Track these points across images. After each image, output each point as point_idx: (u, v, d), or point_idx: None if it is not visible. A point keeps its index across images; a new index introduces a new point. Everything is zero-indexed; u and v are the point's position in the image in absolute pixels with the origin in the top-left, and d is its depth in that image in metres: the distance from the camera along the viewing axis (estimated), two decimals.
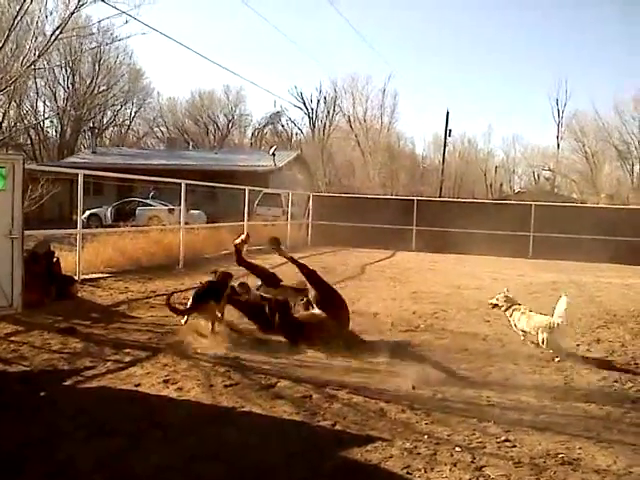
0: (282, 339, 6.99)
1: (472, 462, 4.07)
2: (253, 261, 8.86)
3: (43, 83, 48.52)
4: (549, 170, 64.62)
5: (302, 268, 7.57)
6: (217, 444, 4.22)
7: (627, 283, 15.29)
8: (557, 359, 6.81)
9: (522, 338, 7.39)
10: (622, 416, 5.10)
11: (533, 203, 24.74)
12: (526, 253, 22.41)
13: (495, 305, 7.73)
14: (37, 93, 48.87)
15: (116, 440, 4.22)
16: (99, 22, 29.70)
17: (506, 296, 7.62)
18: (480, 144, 70.34)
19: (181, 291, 10.15)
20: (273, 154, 36.84)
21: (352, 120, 60.66)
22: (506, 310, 7.55)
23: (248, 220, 18.95)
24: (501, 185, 66.99)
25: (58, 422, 4.52)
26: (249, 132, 69.40)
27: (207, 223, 24.03)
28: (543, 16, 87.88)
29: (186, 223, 16.12)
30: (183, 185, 14.95)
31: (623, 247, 21.39)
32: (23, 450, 4.04)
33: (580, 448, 4.34)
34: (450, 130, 49.19)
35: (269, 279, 7.99)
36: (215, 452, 4.09)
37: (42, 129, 51.36)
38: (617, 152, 58.59)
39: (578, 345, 7.67)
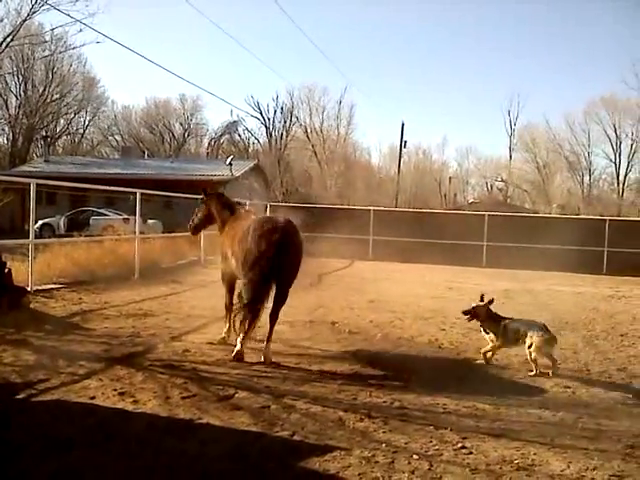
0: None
1: (430, 469, 4.11)
2: None
3: None
4: (502, 181, 65.94)
5: None
6: (174, 456, 4.17)
7: (578, 291, 15.65)
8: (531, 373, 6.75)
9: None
10: (575, 421, 5.21)
11: (486, 213, 25.15)
12: (480, 262, 22.74)
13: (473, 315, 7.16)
14: None
15: (71, 454, 4.14)
16: (52, 30, 29.31)
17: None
18: (435, 155, 71.46)
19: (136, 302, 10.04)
20: (230, 164, 36.71)
21: (309, 130, 61.07)
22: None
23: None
24: (455, 195, 68.05)
25: (11, 437, 4.41)
26: (205, 141, 69.10)
27: (163, 233, 23.78)
28: (496, 29, 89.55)
29: (142, 233, 15.94)
30: (138, 194, 14.77)
31: (574, 256, 21.85)
32: None
33: (535, 454, 4.42)
34: (405, 141, 49.78)
35: None
36: (172, 464, 4.05)
37: None
38: (568, 163, 60.12)
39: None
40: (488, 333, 7.07)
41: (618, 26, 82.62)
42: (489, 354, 7.12)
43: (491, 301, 7.11)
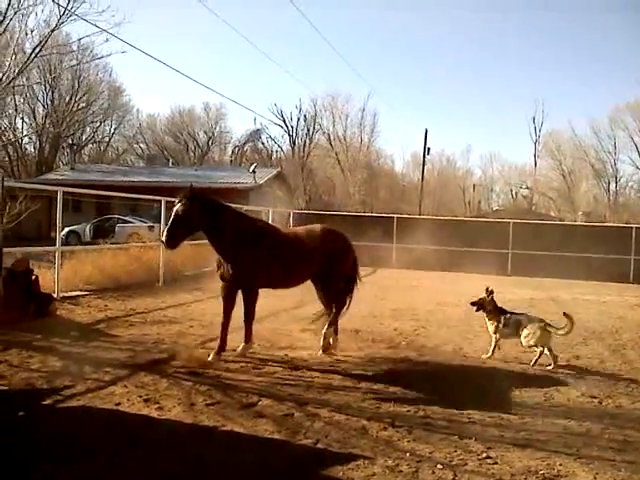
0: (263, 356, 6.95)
1: (454, 479, 4.08)
2: None
3: (22, 100, 48.22)
4: (527, 188, 65.29)
5: None
6: (198, 464, 4.19)
7: (604, 300, 15.45)
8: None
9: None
10: (601, 432, 5.14)
11: (511, 221, 24.96)
12: (505, 270, 22.56)
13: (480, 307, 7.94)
14: (16, 110, 48.53)
15: (96, 460, 4.18)
16: (79, 40, 29.68)
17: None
18: (459, 162, 71.13)
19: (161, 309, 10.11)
20: (253, 171, 36.89)
21: (332, 138, 61.07)
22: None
23: None
24: (479, 203, 67.57)
25: (37, 442, 4.46)
26: (229, 149, 69.38)
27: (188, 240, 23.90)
28: (521, 37, 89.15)
29: None
30: (163, 202, 14.89)
31: (600, 264, 21.62)
32: (0, 472, 3.98)
33: (560, 464, 4.37)
34: (429, 148, 49.37)
35: None
36: (196, 472, 4.07)
37: (20, 146, 50.99)
38: (593, 170, 59.42)
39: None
40: (493, 324, 7.74)
41: None
42: (493, 347, 7.78)
43: (492, 292, 7.86)
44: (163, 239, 7.11)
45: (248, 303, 7.32)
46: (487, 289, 7.90)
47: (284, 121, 63.87)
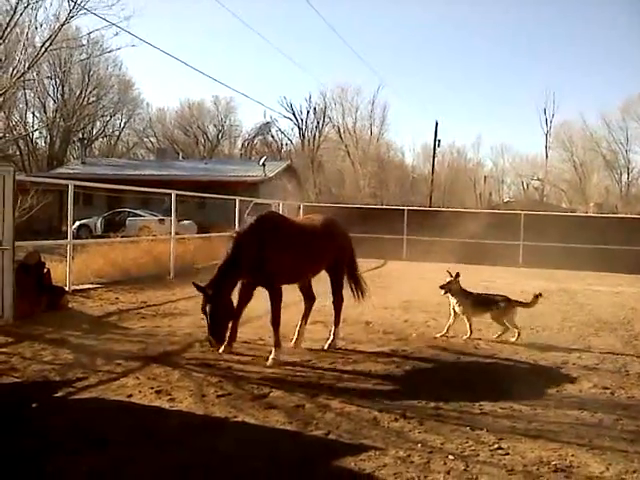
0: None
1: (465, 470, 4.08)
2: None
3: (32, 94, 48.28)
4: (538, 179, 65.00)
5: None
6: (210, 454, 4.21)
7: (616, 291, 15.38)
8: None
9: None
10: (614, 423, 5.12)
11: (522, 212, 24.84)
12: (516, 262, 22.46)
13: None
14: (26, 104, 48.57)
15: (108, 452, 4.20)
16: (89, 34, 29.73)
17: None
18: (469, 154, 70.75)
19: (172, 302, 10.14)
20: (263, 164, 36.92)
21: (342, 130, 60.90)
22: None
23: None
24: (490, 195, 67.29)
25: (49, 434, 4.49)
26: (239, 142, 69.41)
27: (198, 233, 23.97)
28: (531, 27, 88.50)
29: (177, 233, 16.10)
30: (173, 195, 14.95)
31: (612, 255, 21.47)
32: (14, 462, 4.01)
33: (573, 455, 4.35)
34: (439, 140, 49.25)
35: None
36: (208, 462, 4.08)
37: (31, 140, 51.15)
38: (605, 161, 59.03)
39: (569, 353, 7.70)
40: (459, 305, 8.44)
41: None
42: (453, 326, 8.57)
43: (457, 275, 8.52)
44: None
45: (274, 301, 6.97)
46: (456, 273, 8.55)
47: (294, 114, 63.87)
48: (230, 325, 6.86)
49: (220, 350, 6.85)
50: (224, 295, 6.55)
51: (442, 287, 8.55)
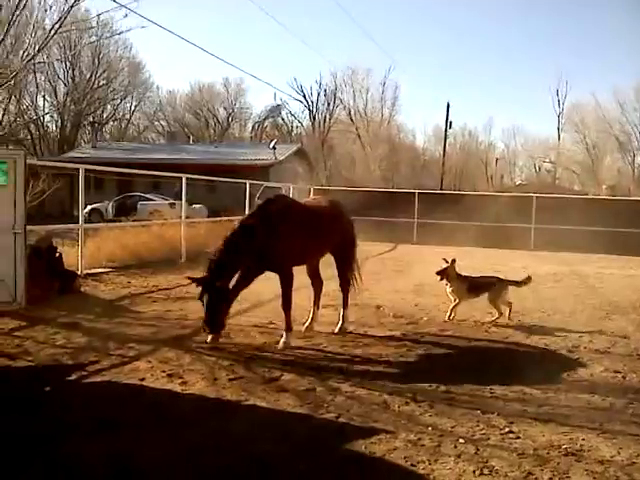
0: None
1: (476, 454, 4.08)
2: None
3: (43, 78, 48.26)
4: (550, 162, 64.52)
5: None
6: (222, 437, 4.24)
7: (629, 274, 15.30)
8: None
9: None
10: (625, 407, 5.12)
11: (534, 195, 24.69)
12: (528, 245, 22.35)
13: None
14: (37, 88, 48.56)
15: (121, 434, 4.24)
16: (98, 16, 29.57)
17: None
18: (481, 136, 70.27)
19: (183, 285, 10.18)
20: (274, 147, 36.83)
21: (352, 113, 60.55)
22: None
23: None
24: (502, 177, 66.90)
25: (63, 417, 4.53)
26: (249, 125, 69.18)
27: (208, 217, 23.99)
28: (543, 8, 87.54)
29: (187, 217, 16.12)
30: (184, 179, 14.96)
31: (624, 238, 21.33)
32: (28, 445, 4.05)
33: (583, 439, 4.35)
34: (451, 122, 48.96)
35: None
36: (219, 445, 4.11)
37: (42, 124, 51.19)
38: (618, 143, 58.43)
39: (581, 336, 7.68)
40: (454, 291, 8.63)
41: None
42: (456, 309, 8.63)
43: (454, 260, 8.71)
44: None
45: (285, 285, 6.94)
46: (452, 259, 8.74)
47: (304, 96, 63.51)
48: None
49: (208, 339, 6.67)
50: (222, 283, 6.51)
51: (438, 273, 8.69)
